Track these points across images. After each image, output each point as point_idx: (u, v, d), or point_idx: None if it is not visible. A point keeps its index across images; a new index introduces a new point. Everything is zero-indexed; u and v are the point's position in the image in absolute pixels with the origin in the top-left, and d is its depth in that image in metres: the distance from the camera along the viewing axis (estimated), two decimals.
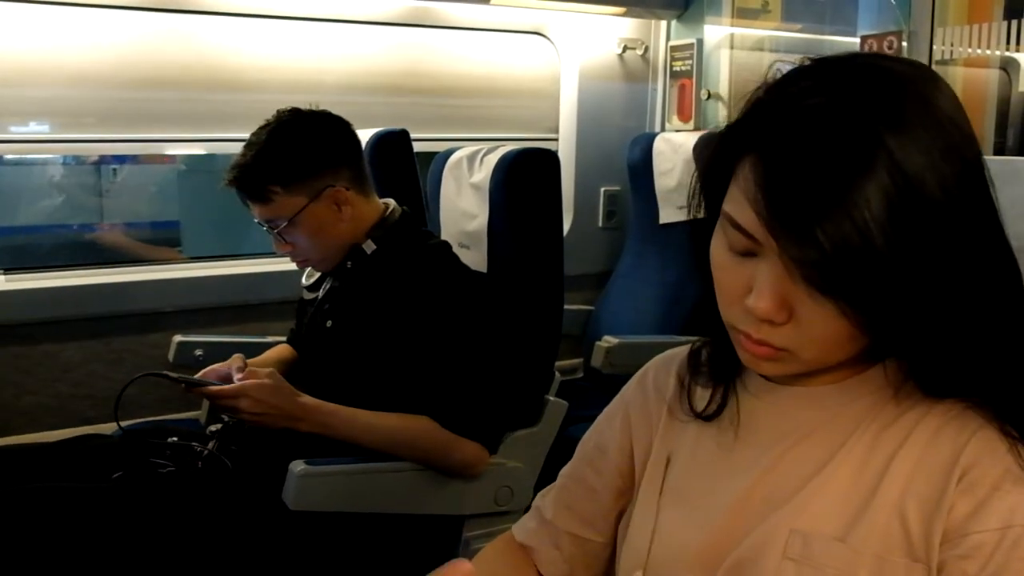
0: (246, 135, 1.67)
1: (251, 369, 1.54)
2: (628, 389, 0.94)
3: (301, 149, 1.64)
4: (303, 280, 1.87)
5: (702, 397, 0.85)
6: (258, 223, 1.69)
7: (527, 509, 1.00)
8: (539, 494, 0.99)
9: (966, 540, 0.65)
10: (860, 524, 0.69)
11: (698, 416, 0.84)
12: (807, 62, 0.69)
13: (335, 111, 1.73)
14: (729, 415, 0.83)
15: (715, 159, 0.72)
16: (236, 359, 1.63)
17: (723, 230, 0.70)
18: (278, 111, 1.67)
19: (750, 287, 0.68)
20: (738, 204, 0.67)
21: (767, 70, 0.73)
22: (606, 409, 0.96)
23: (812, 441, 0.75)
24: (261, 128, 1.66)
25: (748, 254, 0.69)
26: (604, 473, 0.92)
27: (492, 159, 1.82)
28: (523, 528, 0.98)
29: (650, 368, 0.94)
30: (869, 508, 0.70)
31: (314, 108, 1.70)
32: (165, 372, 1.60)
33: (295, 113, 1.67)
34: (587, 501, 0.93)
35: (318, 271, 1.82)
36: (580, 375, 2.79)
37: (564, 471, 0.98)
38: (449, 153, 1.99)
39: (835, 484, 0.72)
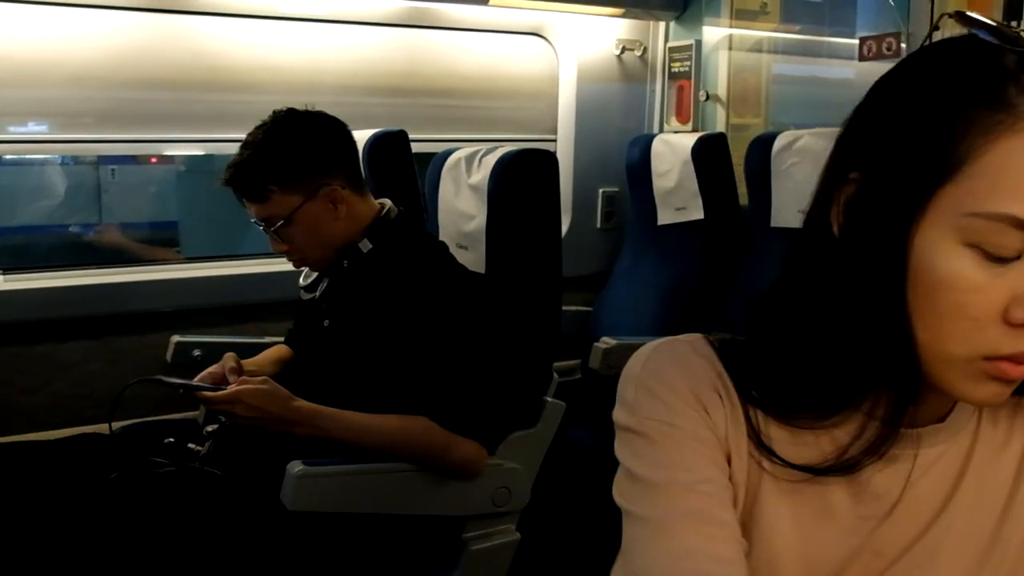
0: (245, 136, 1.68)
1: (246, 377, 1.54)
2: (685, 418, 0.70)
3: (297, 148, 1.65)
4: (300, 281, 1.87)
5: (796, 442, 0.69)
6: (254, 223, 1.70)
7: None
8: None
9: None
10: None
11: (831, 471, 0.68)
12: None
13: (333, 111, 1.74)
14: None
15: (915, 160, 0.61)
16: (228, 358, 1.63)
17: (979, 238, 0.59)
18: (274, 112, 1.69)
19: (1010, 298, 0.59)
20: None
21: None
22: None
23: (930, 478, 0.69)
24: (257, 128, 1.67)
25: (1013, 258, 0.59)
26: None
27: (490, 160, 1.82)
28: None
29: (691, 385, 0.72)
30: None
31: (310, 108, 1.71)
32: (159, 377, 1.60)
33: (291, 113, 1.68)
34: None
35: (315, 271, 1.82)
36: (578, 376, 2.79)
37: None
38: (447, 154, 1.99)
39: (961, 516, 0.69)
